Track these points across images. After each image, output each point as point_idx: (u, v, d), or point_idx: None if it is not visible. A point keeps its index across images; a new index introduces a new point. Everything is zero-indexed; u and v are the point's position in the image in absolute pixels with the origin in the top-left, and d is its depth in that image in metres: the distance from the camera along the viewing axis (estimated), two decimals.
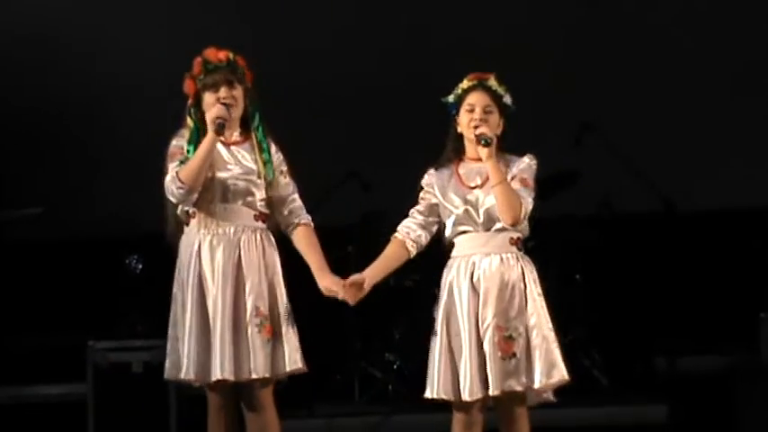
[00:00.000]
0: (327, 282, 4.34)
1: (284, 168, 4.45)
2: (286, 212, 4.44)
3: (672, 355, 6.51)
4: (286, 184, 4.45)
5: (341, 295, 4.30)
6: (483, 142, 4.21)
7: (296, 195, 4.47)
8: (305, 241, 4.42)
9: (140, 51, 7.35)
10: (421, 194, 4.41)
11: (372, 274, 4.36)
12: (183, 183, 4.24)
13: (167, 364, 4.37)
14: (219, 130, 4.25)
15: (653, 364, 6.65)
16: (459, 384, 4.20)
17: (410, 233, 4.39)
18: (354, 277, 4.33)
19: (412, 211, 4.43)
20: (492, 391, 4.17)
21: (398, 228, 4.43)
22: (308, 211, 4.50)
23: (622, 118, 7.19)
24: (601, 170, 6.89)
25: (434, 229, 4.40)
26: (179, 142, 4.36)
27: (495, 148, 4.24)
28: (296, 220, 4.44)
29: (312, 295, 4.43)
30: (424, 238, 4.40)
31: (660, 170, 6.95)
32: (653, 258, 7.13)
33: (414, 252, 4.41)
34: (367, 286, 4.32)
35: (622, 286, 7.14)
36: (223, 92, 4.31)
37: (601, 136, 6.84)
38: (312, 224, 4.47)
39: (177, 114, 4.39)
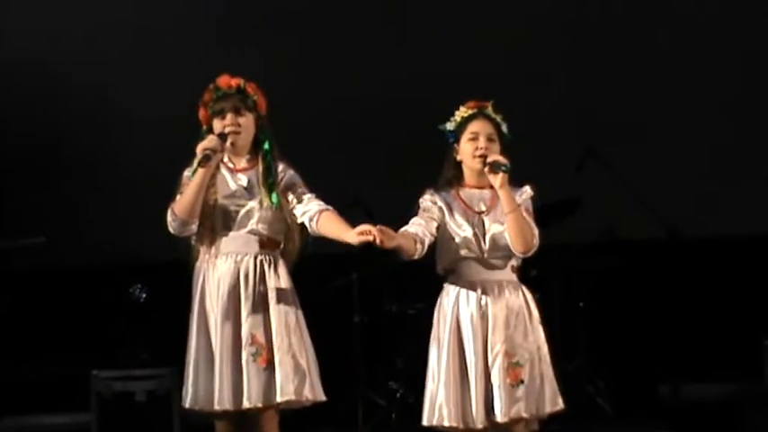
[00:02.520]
0: (355, 233, 4.12)
1: (298, 181, 4.40)
2: (310, 210, 4.34)
3: (676, 382, 6.50)
4: (304, 191, 4.38)
5: (373, 235, 4.05)
6: (503, 169, 4.21)
7: (313, 198, 4.36)
8: (331, 220, 4.28)
9: (146, 80, 7.37)
10: (423, 207, 4.35)
11: (399, 236, 4.14)
12: (175, 215, 4.28)
13: (183, 390, 4.36)
14: (203, 161, 4.24)
15: (657, 392, 6.64)
16: (468, 411, 4.21)
17: (418, 233, 4.24)
18: (383, 229, 4.08)
19: (414, 219, 4.32)
20: (500, 418, 4.20)
21: (403, 228, 4.30)
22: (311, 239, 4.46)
23: (624, 144, 7.20)
24: (603, 197, 6.92)
25: (432, 240, 4.29)
26: (189, 172, 4.36)
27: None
28: (320, 210, 4.31)
29: (316, 323, 4.45)
30: (428, 242, 4.28)
31: (663, 197, 6.98)
32: (656, 285, 7.16)
33: (420, 251, 4.25)
34: (391, 239, 4.08)
35: (626, 313, 7.15)
36: (229, 119, 4.34)
37: (603, 162, 6.86)
38: (332, 209, 4.34)
39: None
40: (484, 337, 4.24)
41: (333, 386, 4.51)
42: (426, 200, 4.37)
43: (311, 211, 4.35)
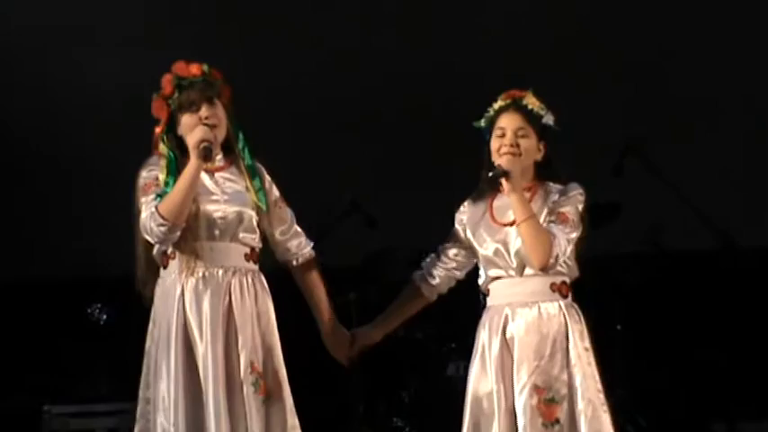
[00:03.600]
0: (331, 344, 4.46)
1: (277, 194, 4.40)
2: (284, 246, 4.41)
3: (732, 419, 6.45)
4: (282, 214, 4.40)
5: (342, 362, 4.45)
6: (490, 175, 4.18)
7: (295, 225, 4.43)
8: (306, 283, 4.44)
9: (108, 81, 7.32)
10: (452, 231, 4.41)
11: (385, 325, 4.46)
12: (164, 219, 4.13)
13: (136, 431, 4.26)
14: (207, 155, 4.16)
15: (709, 431, 6.59)
16: None
17: (430, 278, 4.41)
18: (362, 340, 4.46)
19: (440, 247, 4.43)
20: None
21: (422, 265, 4.45)
22: None
23: (671, 140, 7.14)
24: (646, 201, 6.87)
25: (462, 272, 4.42)
26: (152, 172, 4.26)
27: (519, 179, 4.19)
28: (296, 257, 4.43)
29: (308, 349, 4.45)
30: (447, 283, 4.43)
31: (715, 200, 6.88)
32: (708, 305, 7.11)
33: (433, 298, 4.45)
34: (373, 342, 4.44)
35: (671, 338, 7.11)
36: (205, 110, 4.24)
37: (645, 162, 6.76)
38: (314, 256, 4.45)
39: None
40: (509, 370, 4.18)
41: (328, 423, 4.46)
42: (456, 218, 4.40)
43: (287, 254, 4.43)
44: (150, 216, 4.15)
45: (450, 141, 4.51)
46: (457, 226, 4.37)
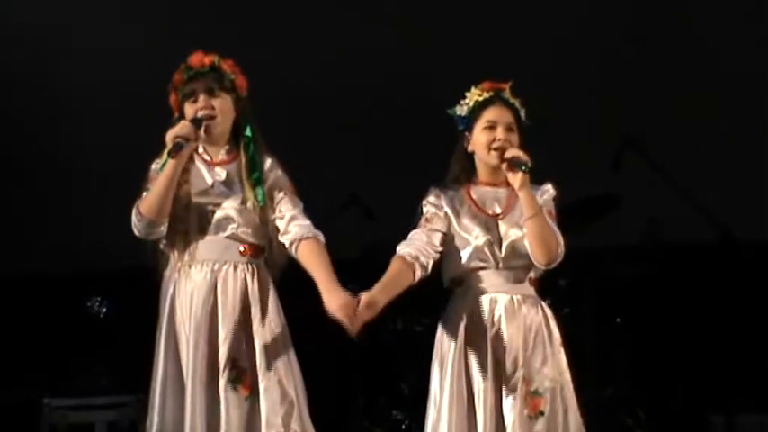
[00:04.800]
0: (335, 303, 4.06)
1: (285, 185, 4.31)
2: (290, 232, 4.25)
3: (730, 412, 6.48)
4: (287, 202, 4.29)
5: (349, 328, 4.03)
6: (523, 168, 4.12)
7: (300, 213, 4.27)
8: (310, 255, 4.19)
9: (114, 67, 7.36)
10: (426, 215, 4.29)
11: (384, 295, 4.11)
12: (141, 215, 4.17)
13: (147, 422, 4.25)
14: (174, 150, 4.12)
15: (708, 423, 6.63)
16: None
17: (419, 256, 4.20)
18: (367, 300, 4.05)
19: (414, 233, 4.28)
20: None
21: (401, 249, 4.24)
22: None
23: (670, 133, 7.15)
24: (645, 193, 6.84)
25: (437, 258, 4.25)
26: (158, 165, 4.27)
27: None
28: (300, 237, 4.22)
29: (307, 344, 4.37)
30: (431, 265, 4.24)
31: (714, 193, 6.86)
32: (707, 297, 7.10)
33: (420, 276, 4.22)
34: (377, 309, 4.07)
35: (671, 330, 7.10)
36: (201, 101, 4.26)
37: (644, 154, 6.80)
38: (322, 240, 4.24)
39: None
40: (496, 360, 4.16)
41: (327, 417, 4.48)
42: (430, 204, 4.30)
43: (290, 235, 4.24)
44: (133, 211, 4.20)
45: (448, 137, 4.51)
46: (435, 211, 4.27)
